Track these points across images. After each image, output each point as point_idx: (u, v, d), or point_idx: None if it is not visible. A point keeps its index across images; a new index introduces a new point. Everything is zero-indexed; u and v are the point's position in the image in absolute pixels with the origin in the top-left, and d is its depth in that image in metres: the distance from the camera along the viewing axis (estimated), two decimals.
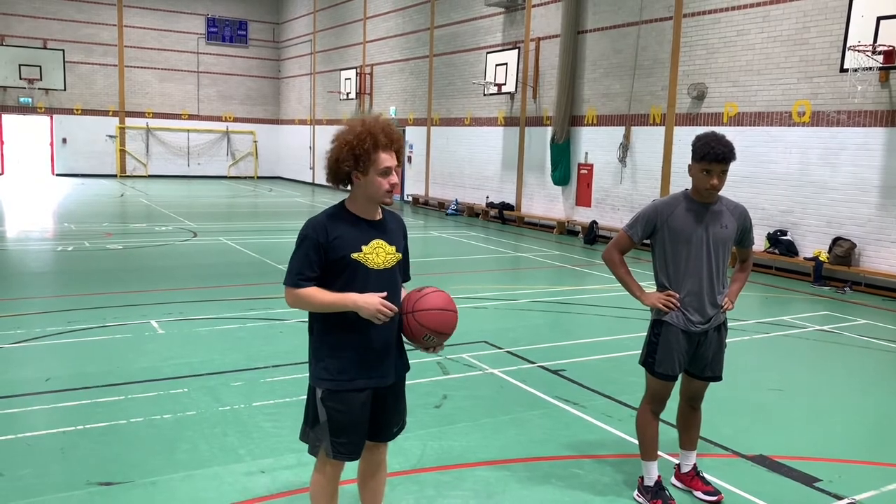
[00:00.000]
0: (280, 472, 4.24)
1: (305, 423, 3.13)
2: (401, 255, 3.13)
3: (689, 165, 3.84)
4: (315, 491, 3.18)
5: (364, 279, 2.98)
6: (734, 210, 3.92)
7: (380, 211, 3.10)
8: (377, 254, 3.02)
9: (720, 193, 3.89)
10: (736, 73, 13.09)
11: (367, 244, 3.00)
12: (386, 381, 3.11)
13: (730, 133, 3.85)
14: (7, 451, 4.49)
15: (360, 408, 3.05)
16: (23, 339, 6.86)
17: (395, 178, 3.00)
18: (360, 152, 2.92)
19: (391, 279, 3.07)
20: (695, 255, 3.83)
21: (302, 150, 32.04)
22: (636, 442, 4.22)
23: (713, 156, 3.69)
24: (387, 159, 2.96)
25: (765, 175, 12.48)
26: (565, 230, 17.23)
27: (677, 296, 3.85)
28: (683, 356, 3.91)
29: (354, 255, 2.97)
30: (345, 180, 3.02)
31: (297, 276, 2.95)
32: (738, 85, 13.05)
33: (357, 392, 3.03)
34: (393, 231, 3.13)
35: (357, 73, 26.37)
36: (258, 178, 33.73)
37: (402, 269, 3.18)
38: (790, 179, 12.22)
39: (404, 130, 24.36)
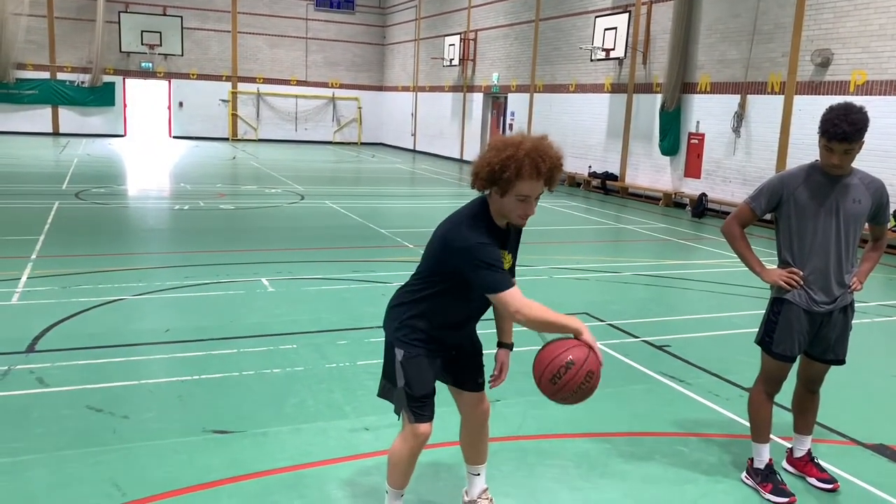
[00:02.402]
0: (383, 430, 4.33)
1: (386, 380, 3.17)
2: (513, 261, 3.09)
3: (819, 137, 3.59)
4: (396, 454, 3.21)
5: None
6: (869, 184, 3.64)
7: None
8: None
9: (855, 166, 3.63)
10: (867, 38, 12.20)
11: None
12: (449, 353, 3.20)
13: (856, 103, 3.54)
14: (132, 396, 4.79)
15: (435, 372, 3.13)
16: (144, 292, 7.28)
17: (532, 209, 2.85)
18: (499, 178, 2.77)
19: None
20: (822, 231, 3.60)
21: (404, 116, 32.29)
22: (745, 422, 4.07)
23: (832, 134, 3.41)
24: (528, 189, 2.78)
25: (894, 148, 11.64)
26: (672, 202, 16.70)
27: (800, 273, 3.65)
28: (804, 337, 3.71)
29: None
30: (482, 190, 2.91)
31: (510, 280, 2.85)
32: (869, 51, 12.16)
33: (432, 358, 3.10)
34: (512, 237, 3.06)
35: (461, 39, 26.23)
36: (361, 143, 34.29)
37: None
38: None
39: (506, 98, 24.14)
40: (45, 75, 29.14)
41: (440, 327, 3.07)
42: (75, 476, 3.72)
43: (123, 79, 30.53)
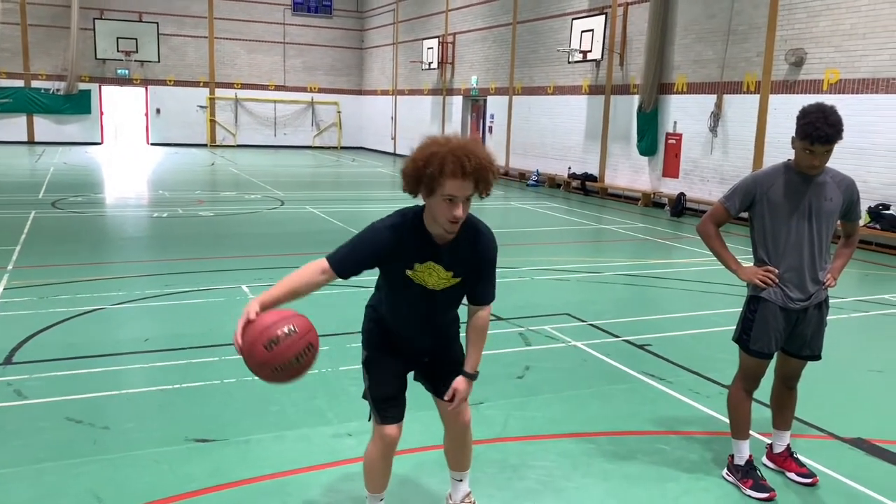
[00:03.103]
0: (366, 435, 4.23)
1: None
2: (458, 280, 2.99)
3: (793, 138, 3.63)
4: (367, 458, 3.23)
5: (411, 291, 2.98)
6: (840, 182, 3.70)
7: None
8: (429, 274, 2.95)
9: (826, 164, 3.69)
10: (839, 38, 12.37)
11: (421, 263, 2.92)
12: (420, 359, 3.21)
13: (829, 102, 3.61)
14: (113, 406, 4.76)
15: (395, 376, 3.14)
16: (124, 301, 7.22)
17: (458, 211, 2.74)
18: (422, 174, 2.71)
19: (442, 299, 3.03)
20: (796, 230, 3.65)
21: (384, 120, 32.28)
22: (725, 420, 4.11)
23: (815, 137, 3.46)
24: (453, 187, 2.68)
25: (868, 146, 11.81)
26: (651, 202, 16.82)
27: (776, 272, 3.70)
28: (780, 334, 3.76)
29: (408, 272, 2.94)
30: (413, 193, 2.86)
31: (341, 263, 2.85)
32: (841, 50, 12.33)
33: (392, 360, 3.13)
34: (458, 255, 2.93)
35: (439, 43, 26.27)
36: (341, 148, 34.22)
37: (466, 292, 3.06)
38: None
39: (485, 100, 24.19)
40: (20, 83, 28.81)
41: (392, 326, 3.11)
42: (55, 488, 3.69)
43: (99, 86, 30.26)
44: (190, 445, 4.19)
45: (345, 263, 2.87)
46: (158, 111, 31.37)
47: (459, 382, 3.05)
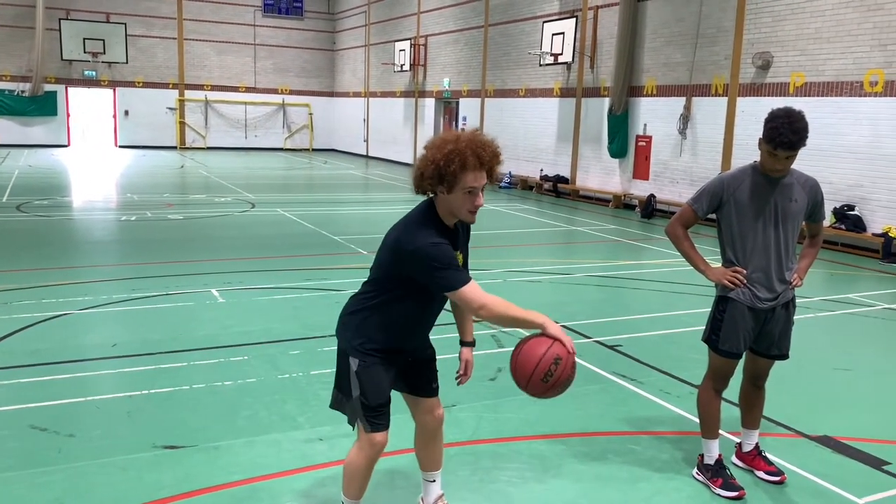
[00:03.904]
0: (338, 440, 4.29)
1: (339, 391, 3.15)
2: (464, 259, 3.13)
3: (760, 140, 3.68)
4: (352, 465, 3.19)
5: (432, 295, 3.01)
6: (805, 183, 3.76)
7: None
8: None
9: (792, 166, 3.74)
10: (804, 42, 12.58)
11: None
12: (405, 360, 3.20)
13: (795, 105, 3.67)
14: (79, 413, 4.66)
15: (389, 383, 3.13)
16: (90, 306, 7.10)
17: (480, 200, 2.90)
18: (445, 172, 2.81)
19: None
20: (763, 231, 3.70)
21: (356, 122, 32.16)
22: (695, 419, 4.15)
23: (778, 143, 3.51)
24: (473, 180, 2.84)
25: (832, 148, 12.02)
26: (621, 204, 16.96)
27: (744, 272, 3.74)
28: (749, 334, 3.80)
29: None
30: (427, 192, 2.95)
31: (467, 278, 2.85)
32: (806, 53, 12.54)
33: (388, 367, 3.09)
34: (461, 235, 3.11)
35: (411, 45, 26.25)
36: (313, 150, 34.04)
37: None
38: (859, 152, 11.75)
39: (458, 102, 24.23)
40: None
41: (398, 333, 3.06)
42: (20, 498, 3.61)
43: (66, 87, 29.77)
44: (158, 452, 4.13)
45: (464, 274, 2.89)
46: (127, 113, 30.95)
47: (469, 353, 3.32)
